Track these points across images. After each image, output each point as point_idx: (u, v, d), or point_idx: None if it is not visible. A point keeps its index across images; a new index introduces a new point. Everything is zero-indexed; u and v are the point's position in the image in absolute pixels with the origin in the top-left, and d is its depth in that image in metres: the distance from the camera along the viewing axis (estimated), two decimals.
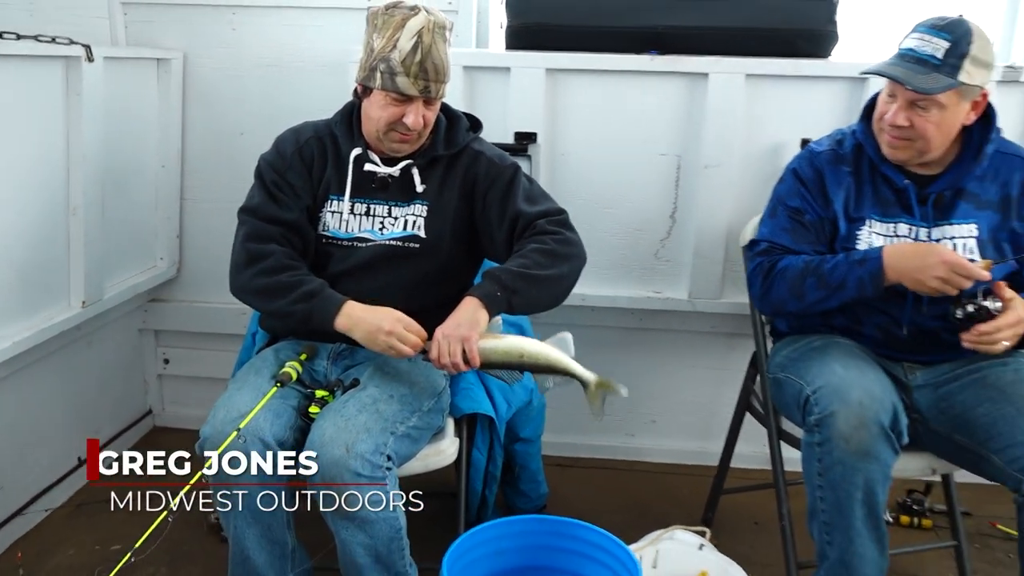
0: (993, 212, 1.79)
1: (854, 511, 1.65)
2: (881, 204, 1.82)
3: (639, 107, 2.34)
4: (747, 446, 2.39)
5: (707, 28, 2.30)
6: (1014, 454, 1.61)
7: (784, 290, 1.82)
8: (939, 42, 1.67)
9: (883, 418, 1.61)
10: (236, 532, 1.59)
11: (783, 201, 1.89)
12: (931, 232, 1.78)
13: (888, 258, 1.71)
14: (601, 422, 1.80)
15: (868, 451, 1.61)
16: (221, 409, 1.59)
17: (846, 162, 1.85)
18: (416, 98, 1.67)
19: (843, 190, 1.83)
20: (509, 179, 1.79)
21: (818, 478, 1.68)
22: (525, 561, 1.62)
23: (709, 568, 1.85)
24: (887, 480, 1.66)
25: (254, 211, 1.78)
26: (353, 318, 1.64)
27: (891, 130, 1.75)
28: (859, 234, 1.81)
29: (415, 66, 1.64)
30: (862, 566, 1.68)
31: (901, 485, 2.46)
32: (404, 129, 1.70)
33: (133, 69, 2.43)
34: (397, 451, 1.60)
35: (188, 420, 2.84)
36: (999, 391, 1.70)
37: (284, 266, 1.71)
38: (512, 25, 2.36)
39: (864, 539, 1.68)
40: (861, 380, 1.67)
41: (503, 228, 1.76)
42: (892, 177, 1.80)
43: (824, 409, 1.65)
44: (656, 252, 2.45)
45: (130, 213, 2.50)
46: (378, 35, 1.66)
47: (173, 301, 2.76)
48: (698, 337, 2.61)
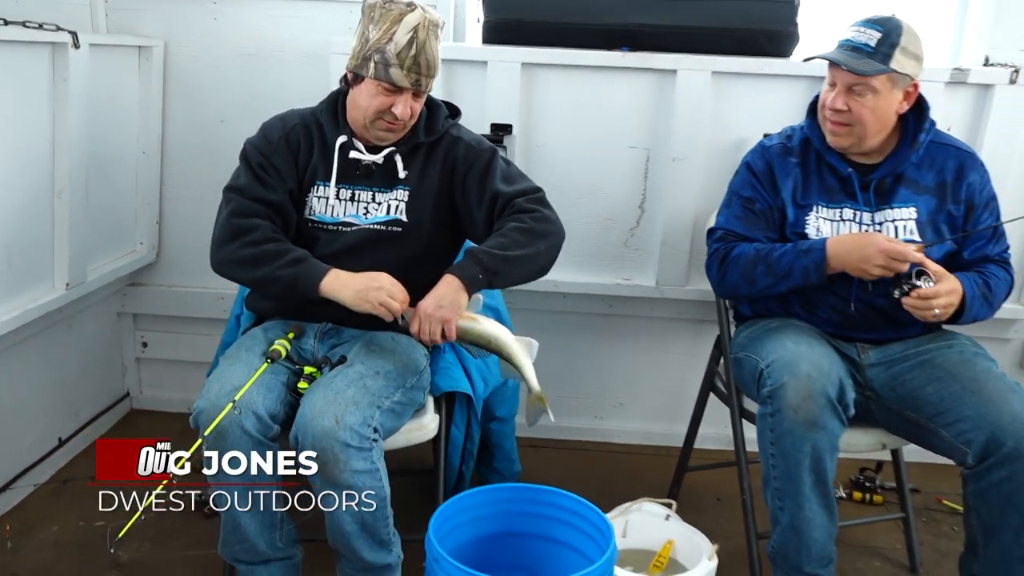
0: (930, 196, 1.92)
1: (803, 478, 1.76)
2: (827, 192, 1.95)
3: (610, 101, 2.41)
4: (711, 428, 2.50)
5: (676, 27, 2.37)
6: (960, 428, 1.74)
7: (737, 276, 1.95)
8: (872, 32, 1.82)
9: (830, 390, 1.73)
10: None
11: (737, 192, 2.03)
12: (874, 216, 1.91)
13: (831, 249, 1.84)
14: (531, 428, 1.90)
15: (815, 421, 1.72)
16: (215, 383, 1.65)
17: (794, 154, 1.99)
18: (407, 90, 1.74)
19: (791, 180, 1.96)
20: (487, 161, 1.87)
21: (771, 447, 1.80)
22: (504, 527, 1.70)
23: (675, 537, 1.96)
24: (834, 450, 1.77)
25: (240, 190, 1.83)
26: (341, 279, 1.72)
27: (831, 115, 1.88)
28: (807, 219, 1.94)
29: (409, 59, 1.71)
30: (811, 529, 1.80)
31: (854, 464, 2.59)
32: (392, 118, 1.77)
33: (116, 56, 2.46)
34: (383, 424, 1.67)
35: (165, 403, 2.89)
36: (946, 371, 1.84)
37: (270, 238, 1.77)
38: (489, 20, 2.41)
39: (813, 504, 1.79)
40: (810, 354, 1.79)
41: (483, 208, 1.84)
42: (836, 166, 1.93)
43: (775, 382, 1.77)
44: (626, 241, 2.53)
45: (111, 198, 2.53)
46: (374, 27, 1.73)
47: (152, 285, 2.79)
48: (665, 323, 2.70)
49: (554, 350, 2.71)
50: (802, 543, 1.81)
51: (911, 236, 1.90)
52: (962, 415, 1.75)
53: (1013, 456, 1.67)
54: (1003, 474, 1.69)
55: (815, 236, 1.93)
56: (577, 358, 2.77)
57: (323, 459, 1.58)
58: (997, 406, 1.71)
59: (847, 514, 2.42)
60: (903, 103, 1.87)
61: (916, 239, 1.90)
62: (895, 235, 1.91)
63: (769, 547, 1.91)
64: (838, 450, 1.80)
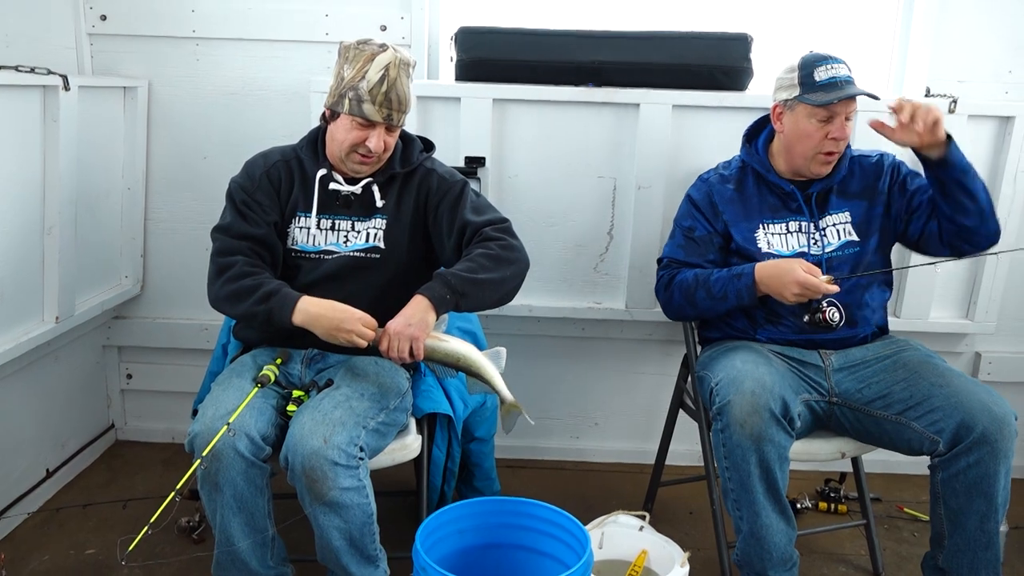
0: (859, 200, 2.11)
1: (756, 488, 1.87)
2: (769, 209, 2.12)
3: (578, 134, 2.52)
4: (682, 444, 2.60)
5: (639, 63, 2.49)
6: (932, 419, 1.87)
7: (681, 299, 2.10)
8: (843, 65, 2.01)
9: (772, 405, 1.83)
10: (222, 520, 1.71)
11: (678, 223, 2.20)
12: (817, 223, 2.09)
13: (758, 274, 1.99)
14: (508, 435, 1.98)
15: (761, 434, 1.83)
16: (209, 408, 1.72)
17: (731, 181, 2.16)
18: (379, 124, 1.85)
19: (731, 203, 2.13)
20: (458, 192, 1.98)
21: (724, 460, 1.91)
22: (486, 539, 1.78)
23: (648, 546, 2.04)
24: (783, 460, 1.89)
25: (225, 229, 1.94)
26: (310, 315, 1.80)
27: (832, 145, 2.01)
28: (756, 236, 2.10)
29: (381, 95, 1.82)
30: (770, 535, 1.91)
31: (819, 476, 2.70)
32: (365, 151, 1.87)
33: (102, 97, 2.54)
34: (368, 443, 1.75)
35: (150, 434, 2.94)
36: (911, 370, 1.98)
37: (245, 272, 1.86)
38: (462, 59, 2.52)
39: (768, 512, 1.90)
40: (755, 372, 1.90)
41: (452, 237, 1.94)
42: (780, 184, 2.11)
43: (723, 398, 1.89)
44: (596, 266, 2.64)
45: (97, 233, 2.60)
46: (349, 66, 1.84)
47: (136, 318, 2.85)
48: (636, 344, 2.81)
49: (530, 373, 2.83)
50: (763, 548, 1.92)
51: (850, 236, 2.09)
52: (933, 406, 1.88)
53: (981, 441, 1.79)
54: (971, 460, 1.81)
55: (767, 250, 2.08)
56: (552, 380, 2.87)
57: (312, 477, 1.66)
58: (966, 395, 1.85)
59: (813, 523, 2.53)
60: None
61: (855, 238, 2.08)
62: (838, 236, 2.09)
63: (734, 555, 2.02)
64: (788, 460, 1.91)
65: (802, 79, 2.01)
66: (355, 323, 1.78)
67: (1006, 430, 1.80)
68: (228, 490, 1.69)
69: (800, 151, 2.05)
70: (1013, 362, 2.81)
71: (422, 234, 2.00)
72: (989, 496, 1.82)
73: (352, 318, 1.79)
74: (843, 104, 1.98)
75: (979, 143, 2.53)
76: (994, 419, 1.80)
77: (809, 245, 2.08)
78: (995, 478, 1.81)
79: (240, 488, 1.70)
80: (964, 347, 2.80)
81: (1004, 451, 1.81)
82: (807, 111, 2.00)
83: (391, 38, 2.61)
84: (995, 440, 1.79)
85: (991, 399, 1.84)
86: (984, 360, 2.79)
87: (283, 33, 2.64)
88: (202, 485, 1.70)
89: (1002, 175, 2.53)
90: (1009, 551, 2.37)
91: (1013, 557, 2.40)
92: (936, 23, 2.60)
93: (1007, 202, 2.55)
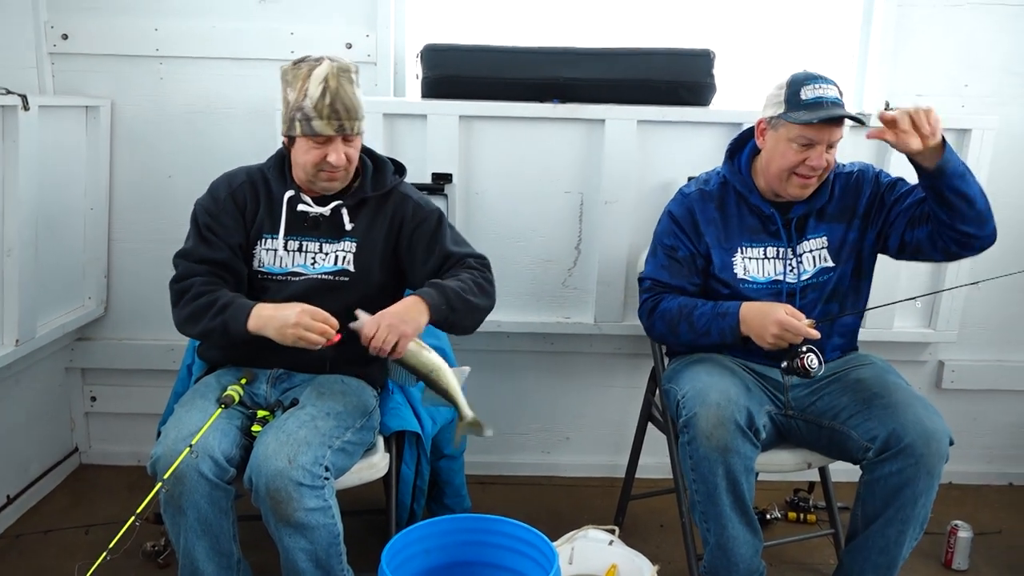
0: (838, 224, 2.06)
1: (723, 499, 1.89)
2: (748, 232, 2.07)
3: (545, 150, 2.53)
4: (653, 457, 2.60)
5: (603, 80, 2.51)
6: (868, 427, 1.89)
7: (664, 328, 2.08)
8: (833, 87, 1.93)
9: (738, 417, 1.85)
10: (186, 544, 1.69)
11: (660, 240, 2.15)
12: (795, 248, 2.05)
13: (742, 314, 1.96)
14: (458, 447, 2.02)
15: (727, 446, 1.84)
16: (172, 430, 1.70)
17: (712, 199, 2.10)
18: (334, 137, 1.83)
19: (712, 225, 2.08)
20: (436, 223, 1.98)
21: (692, 472, 1.92)
22: (453, 557, 1.77)
23: (618, 561, 2.04)
24: (749, 471, 1.90)
25: (186, 254, 1.93)
26: (262, 318, 1.78)
27: (810, 171, 1.95)
28: (733, 261, 2.06)
29: (326, 108, 1.80)
30: (736, 547, 1.93)
31: (788, 486, 2.73)
32: (330, 167, 1.86)
33: (64, 116, 2.51)
34: (334, 463, 1.74)
35: (115, 457, 2.89)
36: (860, 382, 2.00)
37: (201, 292, 1.85)
38: (428, 76, 2.53)
39: (735, 523, 1.91)
40: (720, 384, 1.91)
41: (429, 264, 1.94)
42: (760, 206, 2.06)
43: (689, 411, 1.90)
44: (564, 281, 2.65)
45: (59, 255, 2.56)
46: (290, 88, 1.84)
47: (100, 339, 2.81)
48: (605, 358, 2.82)
49: (500, 388, 2.83)
50: (730, 560, 1.93)
51: (826, 263, 2.05)
52: (871, 416, 1.90)
53: (907, 452, 1.82)
54: (894, 468, 1.84)
55: (743, 276, 2.05)
56: (523, 395, 2.87)
57: (276, 498, 1.64)
58: (902, 409, 1.87)
59: (783, 533, 2.55)
60: None
61: (830, 264, 2.05)
62: (813, 263, 2.05)
63: (701, 567, 2.02)
64: (753, 471, 1.93)
65: (788, 97, 1.94)
66: (302, 315, 1.74)
67: (934, 446, 1.82)
68: (192, 513, 1.67)
69: (775, 171, 1.99)
70: (975, 370, 2.86)
71: (392, 258, 1.99)
72: (901, 506, 1.85)
73: (299, 310, 1.75)
74: (826, 130, 1.90)
75: None
76: (924, 433, 1.82)
77: (785, 272, 2.05)
78: (913, 490, 1.83)
79: (204, 511, 1.68)
80: (928, 356, 2.85)
81: (928, 467, 1.82)
82: (789, 132, 1.94)
83: (356, 56, 2.62)
84: (921, 454, 1.81)
85: (926, 414, 1.86)
86: (947, 369, 2.84)
87: (248, 51, 2.64)
88: (165, 508, 1.68)
89: None
90: (975, 557, 2.42)
91: (979, 563, 2.44)
92: (894, 39, 2.66)
93: None
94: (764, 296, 2.04)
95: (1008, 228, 2.73)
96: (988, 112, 2.65)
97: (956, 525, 2.42)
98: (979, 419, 2.92)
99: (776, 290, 2.05)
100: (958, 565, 2.41)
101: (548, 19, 2.76)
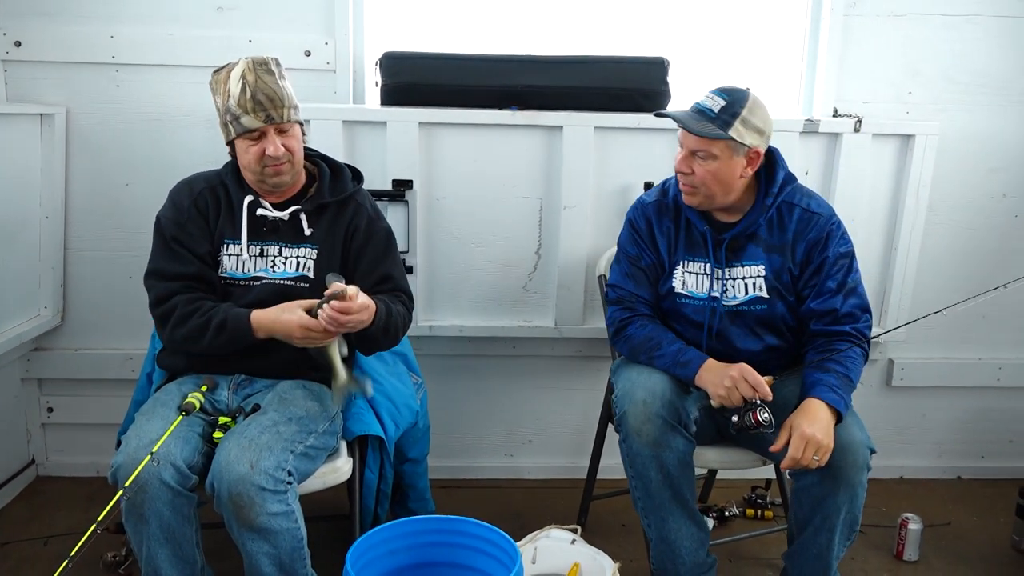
0: (776, 256, 2.01)
1: (660, 493, 1.93)
2: (691, 246, 2.06)
3: (504, 156, 2.56)
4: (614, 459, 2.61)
5: (561, 87, 2.55)
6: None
7: (626, 351, 2.11)
8: (718, 100, 1.90)
9: (664, 412, 1.88)
10: (148, 552, 1.68)
11: (624, 249, 2.17)
12: (724, 272, 2.02)
13: (702, 369, 1.93)
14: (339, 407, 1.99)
15: (658, 440, 1.89)
16: (133, 438, 1.69)
17: (668, 212, 2.09)
18: (266, 129, 1.86)
19: (665, 237, 2.09)
20: (385, 241, 2.03)
21: (630, 469, 1.97)
22: (417, 558, 1.79)
23: (581, 560, 2.07)
24: (685, 465, 1.94)
25: (158, 274, 1.92)
26: (264, 326, 1.83)
27: (679, 176, 1.99)
28: (675, 273, 2.08)
29: (249, 102, 1.83)
30: (679, 540, 1.97)
31: (746, 483, 2.78)
32: (272, 161, 1.88)
33: (17, 124, 2.48)
34: (297, 468, 1.75)
35: (73, 468, 2.85)
36: (791, 392, 1.96)
37: (189, 312, 1.85)
38: (386, 84, 2.54)
39: (676, 516, 1.96)
40: (647, 382, 1.94)
41: (369, 279, 1.96)
42: (695, 222, 2.05)
43: (620, 409, 1.94)
44: (524, 285, 2.68)
45: (14, 263, 2.53)
46: (217, 96, 1.88)
47: (57, 349, 2.77)
48: (566, 361, 2.85)
49: (463, 392, 2.85)
50: (674, 553, 1.98)
51: (760, 292, 2.02)
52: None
53: (825, 464, 1.82)
54: (814, 479, 1.87)
55: (680, 290, 2.06)
56: (486, 399, 2.90)
57: (239, 504, 1.65)
58: None
59: (742, 529, 2.60)
60: (747, 168, 1.94)
61: (764, 295, 2.02)
62: (745, 291, 2.02)
63: (651, 565, 2.07)
64: (691, 465, 1.96)
65: None
66: (299, 331, 1.79)
67: (850, 458, 1.83)
68: (154, 521, 1.66)
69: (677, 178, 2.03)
70: (924, 368, 2.95)
71: (345, 264, 2.01)
72: (826, 516, 1.89)
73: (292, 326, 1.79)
74: (684, 136, 1.94)
75: (883, 160, 2.68)
76: (839, 447, 1.81)
77: (721, 292, 2.03)
78: (835, 500, 1.86)
79: (166, 519, 1.67)
80: (877, 355, 2.93)
81: (846, 479, 1.84)
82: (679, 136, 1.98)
83: (315, 63, 2.63)
84: (838, 467, 1.83)
85: (842, 427, 1.84)
86: (897, 367, 2.93)
87: (206, 59, 2.59)
88: (127, 517, 1.68)
89: (906, 189, 2.68)
90: (925, 548, 2.50)
91: (929, 554, 2.52)
92: (841, 49, 2.74)
93: (911, 215, 2.69)
94: (700, 312, 2.05)
95: (947, 228, 2.88)
96: (931, 119, 2.74)
97: (907, 518, 2.49)
98: (928, 415, 3.02)
99: (712, 307, 2.04)
100: (909, 556, 2.49)
101: (506, 27, 2.79)
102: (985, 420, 3.03)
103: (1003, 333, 2.96)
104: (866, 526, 2.59)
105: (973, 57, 2.76)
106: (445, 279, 2.65)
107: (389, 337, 1.93)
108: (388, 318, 1.87)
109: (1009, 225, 2.87)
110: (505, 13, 2.81)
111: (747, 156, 1.93)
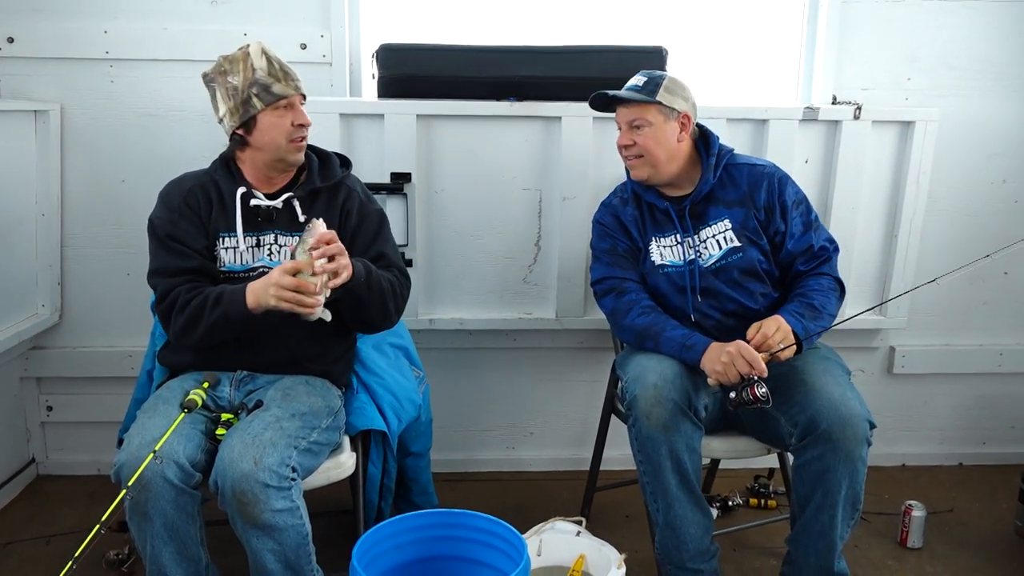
0: (738, 208, 2.13)
1: (668, 479, 1.94)
2: (657, 224, 2.18)
3: (503, 148, 2.55)
4: (617, 450, 2.63)
5: (559, 78, 2.54)
6: (791, 413, 1.94)
7: (630, 338, 2.14)
8: (641, 78, 2.12)
9: (675, 396, 1.90)
10: (153, 551, 1.67)
11: (598, 247, 2.25)
12: (695, 237, 2.13)
13: (707, 350, 1.97)
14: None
15: (668, 424, 1.90)
16: (135, 436, 1.68)
17: (628, 202, 2.22)
18: (295, 97, 1.90)
19: (633, 223, 2.20)
20: (378, 223, 2.03)
21: (639, 454, 1.97)
22: (424, 552, 1.78)
23: (586, 551, 2.07)
24: (692, 451, 1.95)
25: (159, 272, 1.92)
26: (256, 295, 1.78)
27: (624, 151, 2.14)
28: (651, 250, 2.17)
29: (280, 72, 1.89)
30: (685, 526, 1.98)
31: (749, 473, 2.79)
32: (301, 133, 1.92)
33: (11, 121, 2.46)
34: (301, 464, 1.74)
35: (73, 467, 2.85)
36: (793, 368, 2.01)
37: (188, 299, 1.85)
38: (384, 76, 2.53)
39: (682, 502, 1.97)
40: (657, 367, 1.96)
41: (366, 257, 1.95)
42: (655, 202, 2.17)
43: (631, 393, 1.96)
44: (525, 277, 2.67)
45: (10, 262, 2.51)
46: (232, 75, 1.87)
47: (55, 348, 2.76)
48: (567, 352, 2.85)
49: (464, 385, 2.85)
50: (680, 540, 1.98)
51: (732, 243, 2.11)
52: (795, 402, 1.95)
53: (824, 438, 1.87)
54: (815, 454, 1.89)
55: (660, 262, 2.15)
56: (487, 392, 2.89)
57: (243, 501, 1.64)
58: (819, 394, 1.92)
59: (745, 519, 2.60)
60: (682, 133, 2.11)
61: (737, 244, 2.11)
62: (719, 247, 2.12)
63: (655, 550, 2.07)
64: (698, 451, 1.97)
65: None
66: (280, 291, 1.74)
67: (849, 431, 1.85)
68: (158, 519, 1.65)
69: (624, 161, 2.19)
70: (925, 355, 2.95)
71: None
72: (827, 491, 1.90)
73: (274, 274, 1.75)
74: (620, 113, 2.14)
75: (883, 147, 2.66)
76: (839, 419, 1.86)
77: (696, 256, 2.12)
78: (834, 474, 1.88)
79: (170, 517, 1.66)
80: (879, 342, 2.93)
81: (846, 452, 1.86)
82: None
83: (311, 56, 2.61)
84: (837, 439, 1.85)
85: (842, 399, 1.89)
86: (898, 354, 2.93)
87: (201, 53, 2.58)
88: (131, 516, 1.67)
89: (906, 176, 2.67)
90: (928, 534, 2.50)
91: (932, 540, 2.52)
92: (839, 36, 2.73)
93: (911, 201, 2.68)
94: (683, 277, 2.12)
95: (947, 215, 2.87)
96: (930, 104, 2.73)
97: (910, 505, 2.50)
98: (930, 402, 3.02)
99: (691, 270, 2.12)
100: (913, 543, 2.49)
101: (503, 18, 2.78)
102: (986, 406, 3.03)
103: (1003, 319, 2.96)
104: (869, 513, 2.60)
105: (972, 43, 2.75)
106: (445, 272, 2.64)
107: (375, 296, 1.88)
108: (369, 275, 1.86)
109: (1009, 211, 2.87)
110: (502, 3, 2.79)
111: (679, 122, 2.10)
